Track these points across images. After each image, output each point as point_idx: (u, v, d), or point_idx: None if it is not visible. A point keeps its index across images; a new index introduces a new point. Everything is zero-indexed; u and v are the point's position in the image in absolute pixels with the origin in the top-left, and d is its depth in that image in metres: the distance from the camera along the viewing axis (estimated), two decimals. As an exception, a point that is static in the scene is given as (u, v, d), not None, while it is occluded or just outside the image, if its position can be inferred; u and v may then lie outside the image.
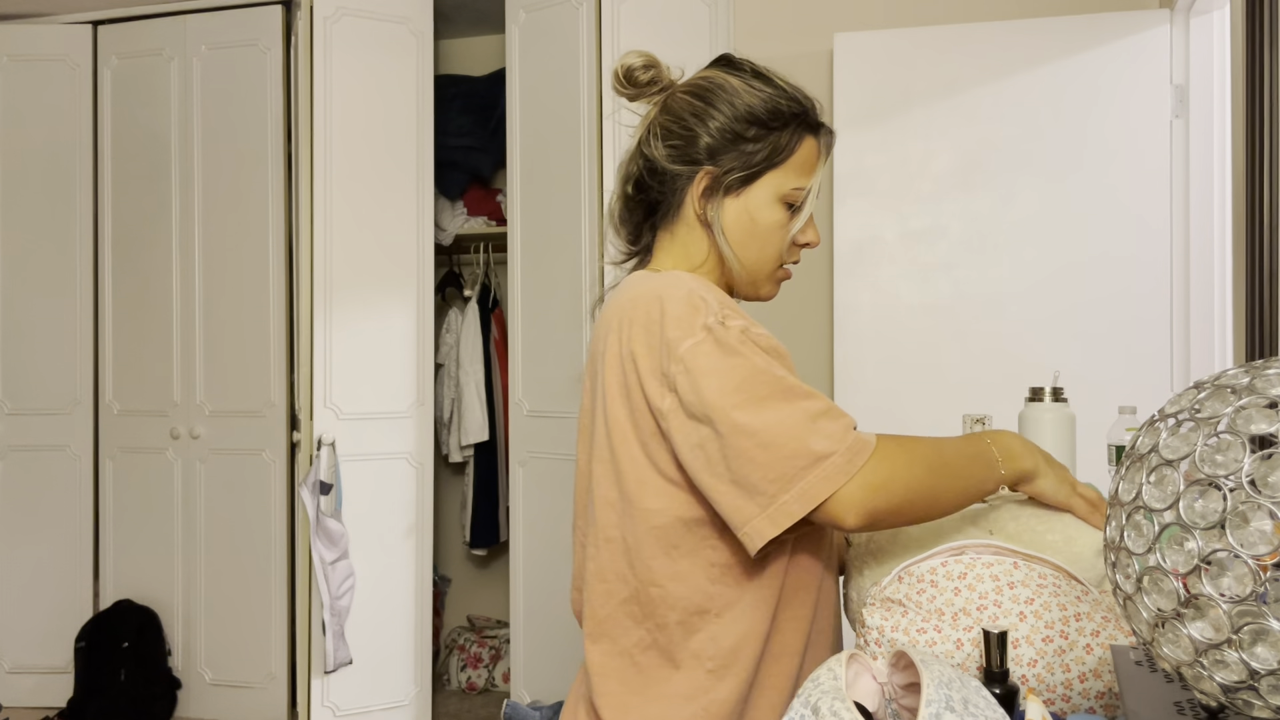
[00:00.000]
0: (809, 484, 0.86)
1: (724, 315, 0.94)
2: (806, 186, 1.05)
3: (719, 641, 0.98)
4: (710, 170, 1.04)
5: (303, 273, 2.93)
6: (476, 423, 3.45)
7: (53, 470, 3.35)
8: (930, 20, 2.64)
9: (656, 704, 0.99)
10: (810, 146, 1.05)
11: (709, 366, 0.90)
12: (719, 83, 1.05)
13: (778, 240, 1.06)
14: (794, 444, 0.87)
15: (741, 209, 1.04)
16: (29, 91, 3.36)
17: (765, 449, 0.87)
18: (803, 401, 0.89)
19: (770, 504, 0.87)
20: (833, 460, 0.87)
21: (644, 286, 0.99)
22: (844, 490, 0.86)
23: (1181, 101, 2.30)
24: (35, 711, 3.28)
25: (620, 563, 1.00)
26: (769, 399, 0.89)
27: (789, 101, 1.04)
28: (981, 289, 2.43)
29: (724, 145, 1.03)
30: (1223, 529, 0.57)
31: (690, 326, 0.92)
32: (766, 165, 1.03)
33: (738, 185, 1.04)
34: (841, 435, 0.88)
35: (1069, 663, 0.85)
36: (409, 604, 3.02)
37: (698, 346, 0.91)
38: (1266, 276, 1.73)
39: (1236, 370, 0.64)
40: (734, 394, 0.89)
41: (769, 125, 1.03)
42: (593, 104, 2.78)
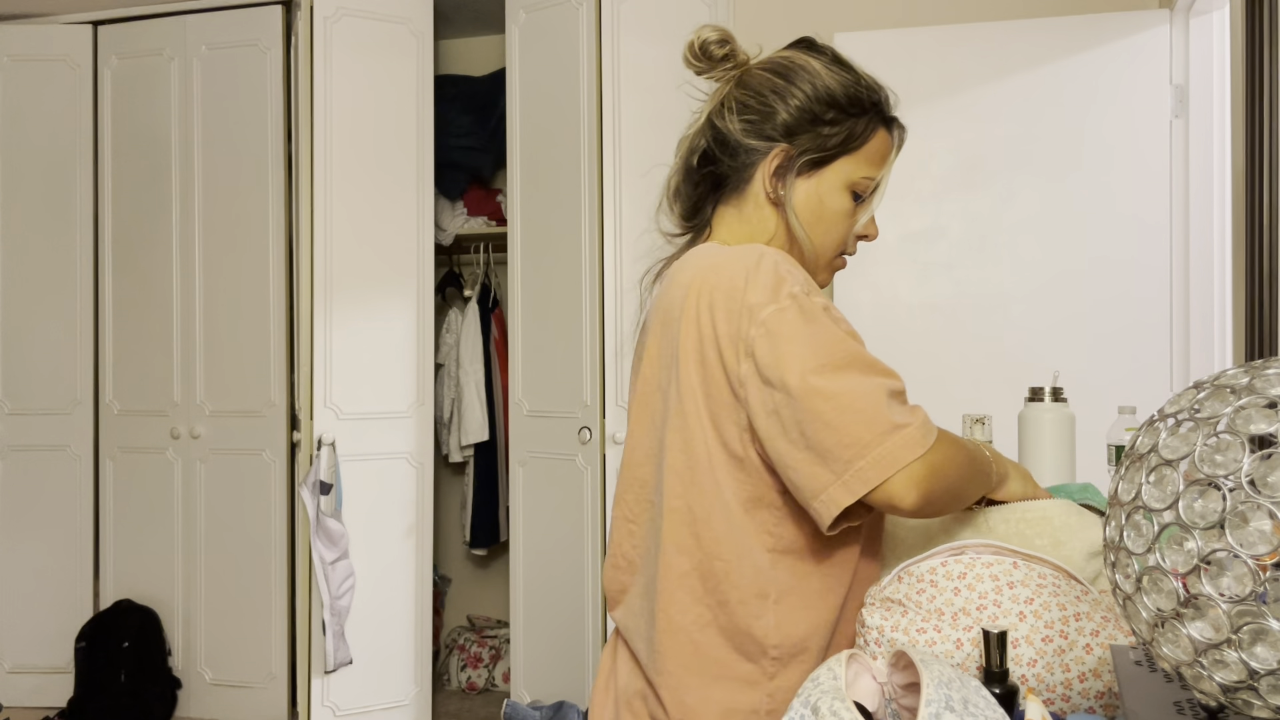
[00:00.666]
0: (888, 449, 0.85)
1: (809, 288, 0.94)
2: (875, 177, 1.05)
3: (784, 629, 0.95)
4: (785, 149, 1.02)
5: (303, 273, 2.93)
6: (476, 423, 3.45)
7: (53, 470, 3.35)
8: (930, 20, 2.64)
9: (715, 686, 0.96)
10: (883, 138, 1.05)
11: (791, 332, 0.89)
12: (800, 63, 1.04)
13: (841, 227, 1.06)
14: (872, 410, 0.86)
15: (811, 191, 1.03)
16: (29, 91, 3.36)
17: (842, 413, 0.86)
18: (882, 377, 0.90)
19: (846, 470, 0.86)
20: (909, 431, 0.86)
21: (723, 255, 0.97)
22: (913, 466, 0.85)
23: (1181, 101, 2.30)
24: (35, 711, 3.28)
25: (684, 533, 0.97)
26: (848, 368, 0.89)
27: (867, 90, 1.04)
28: (981, 289, 2.43)
29: (801, 124, 1.02)
30: (1222, 529, 0.57)
31: (775, 293, 0.91)
32: (840, 150, 1.03)
33: (810, 167, 1.03)
34: (913, 411, 0.89)
35: (1069, 662, 0.85)
36: (409, 604, 3.02)
37: (781, 313, 0.90)
38: (1266, 276, 1.73)
39: (1236, 370, 0.64)
40: (813, 359, 0.88)
41: (847, 110, 1.02)
42: (593, 104, 2.78)
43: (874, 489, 0.85)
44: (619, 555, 1.09)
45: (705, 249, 1.03)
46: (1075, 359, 2.32)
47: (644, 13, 2.76)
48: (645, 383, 1.05)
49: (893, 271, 2.50)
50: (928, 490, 0.86)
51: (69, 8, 3.32)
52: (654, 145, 2.76)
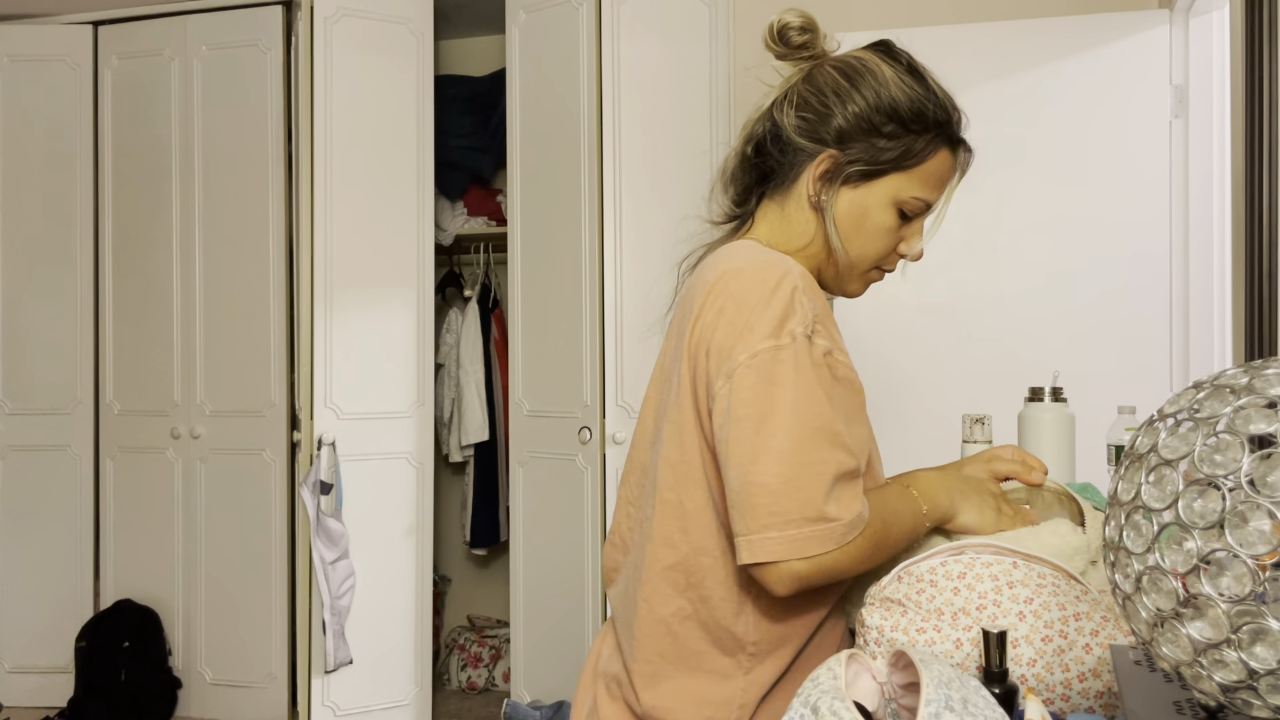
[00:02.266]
0: (802, 535, 0.86)
1: (814, 328, 0.91)
2: (926, 199, 1.01)
3: (762, 627, 0.96)
4: (834, 154, 0.99)
5: (303, 273, 2.93)
6: (476, 423, 3.45)
7: (53, 470, 3.35)
8: (930, 20, 2.64)
9: (690, 677, 0.97)
10: (944, 160, 1.01)
11: (775, 376, 0.88)
12: (870, 67, 1.00)
13: (882, 243, 1.02)
14: (810, 492, 0.86)
15: (856, 202, 1.00)
16: (29, 91, 3.36)
17: (786, 482, 0.86)
18: (839, 454, 0.88)
19: (759, 532, 0.87)
20: (832, 527, 0.86)
21: (750, 261, 0.95)
22: (809, 561, 0.86)
23: (1181, 102, 2.30)
24: (35, 711, 3.28)
25: (672, 526, 0.97)
26: (812, 435, 0.87)
27: (936, 108, 0.99)
28: (981, 289, 2.43)
29: (856, 133, 0.98)
30: (1222, 529, 0.57)
31: (778, 327, 0.89)
32: (893, 166, 0.99)
33: (858, 178, 0.99)
34: (850, 504, 0.88)
35: (1068, 662, 0.85)
36: (409, 604, 3.02)
37: (777, 352, 0.88)
38: (1266, 276, 1.73)
39: (1236, 370, 0.64)
40: (784, 416, 0.87)
41: (908, 125, 0.98)
42: (593, 104, 2.78)
43: (765, 565, 0.87)
44: (618, 535, 1.10)
45: (739, 247, 1.00)
46: (1075, 359, 2.32)
47: (644, 13, 2.76)
48: (659, 369, 1.04)
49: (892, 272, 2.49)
50: (804, 585, 0.88)
51: (69, 8, 3.32)
52: (654, 145, 2.76)
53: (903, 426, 2.45)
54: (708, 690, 0.97)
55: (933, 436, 2.33)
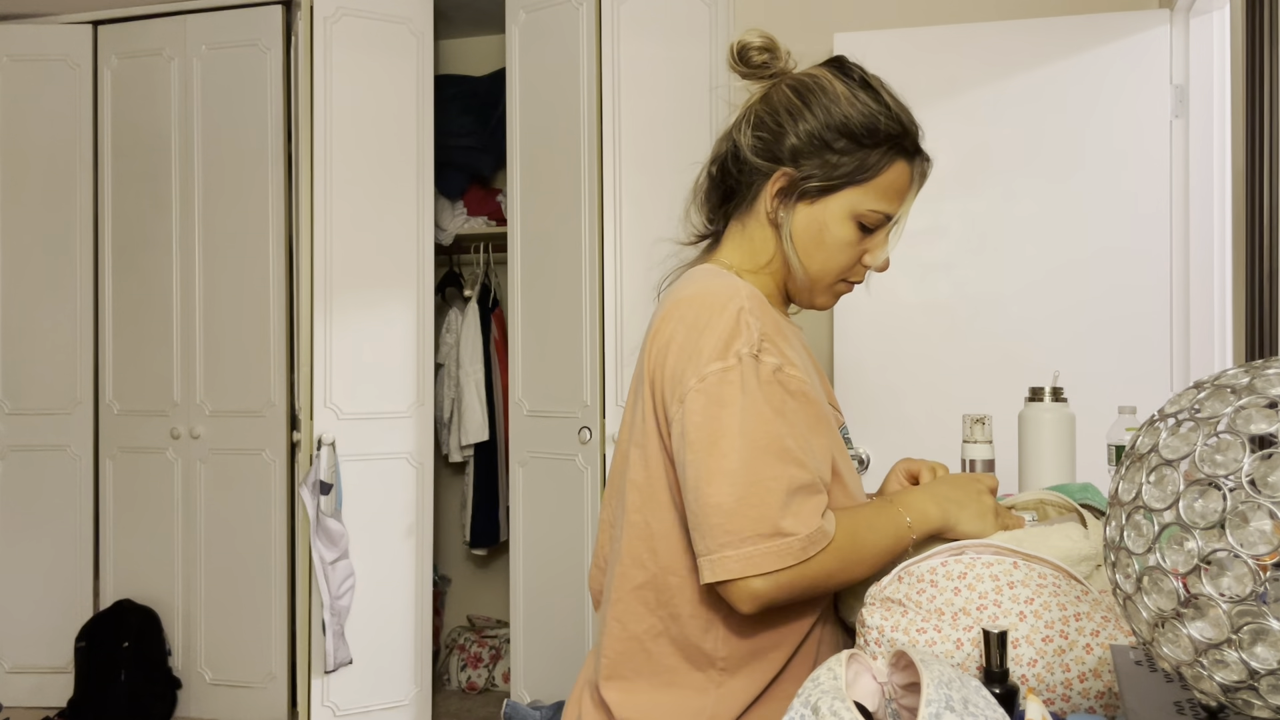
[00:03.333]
0: (757, 552, 0.87)
1: (761, 346, 0.93)
2: (885, 211, 1.01)
3: (731, 643, 0.98)
4: (788, 172, 1.01)
5: (303, 273, 2.93)
6: (476, 423, 3.45)
7: (53, 470, 3.35)
8: (930, 20, 2.64)
9: (664, 692, 0.99)
10: (900, 171, 1.02)
11: (723, 397, 0.90)
12: (823, 84, 1.01)
13: (843, 256, 1.03)
14: (763, 509, 0.87)
15: (814, 217, 1.01)
16: (29, 91, 3.36)
17: (740, 501, 0.88)
18: (791, 469, 0.89)
19: (718, 551, 0.88)
20: (789, 542, 0.88)
21: (705, 285, 0.98)
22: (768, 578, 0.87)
23: (1181, 101, 2.30)
24: (35, 711, 3.28)
25: (640, 547, 1.00)
26: (761, 453, 0.89)
27: (889, 121, 1.00)
28: (981, 289, 2.43)
29: (809, 150, 1.00)
30: (1222, 529, 0.57)
31: (724, 349, 0.91)
32: (847, 181, 1.00)
33: (814, 194, 1.01)
34: (808, 518, 0.89)
35: (1069, 662, 0.85)
36: (409, 604, 3.02)
37: (724, 374, 0.91)
38: (1266, 276, 1.73)
39: (1236, 370, 0.64)
40: (734, 436, 0.89)
41: (860, 141, 0.99)
42: (593, 104, 2.78)
43: (726, 583, 0.89)
44: (600, 557, 1.12)
45: (695, 273, 1.03)
46: (1075, 359, 2.32)
47: (644, 13, 2.76)
48: (630, 391, 1.07)
49: (893, 271, 2.47)
50: (766, 601, 0.89)
51: (69, 8, 3.32)
52: (654, 145, 2.76)
53: (903, 426, 2.45)
54: (681, 704, 0.98)
55: (933, 436, 2.33)
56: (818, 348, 2.70)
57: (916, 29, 2.49)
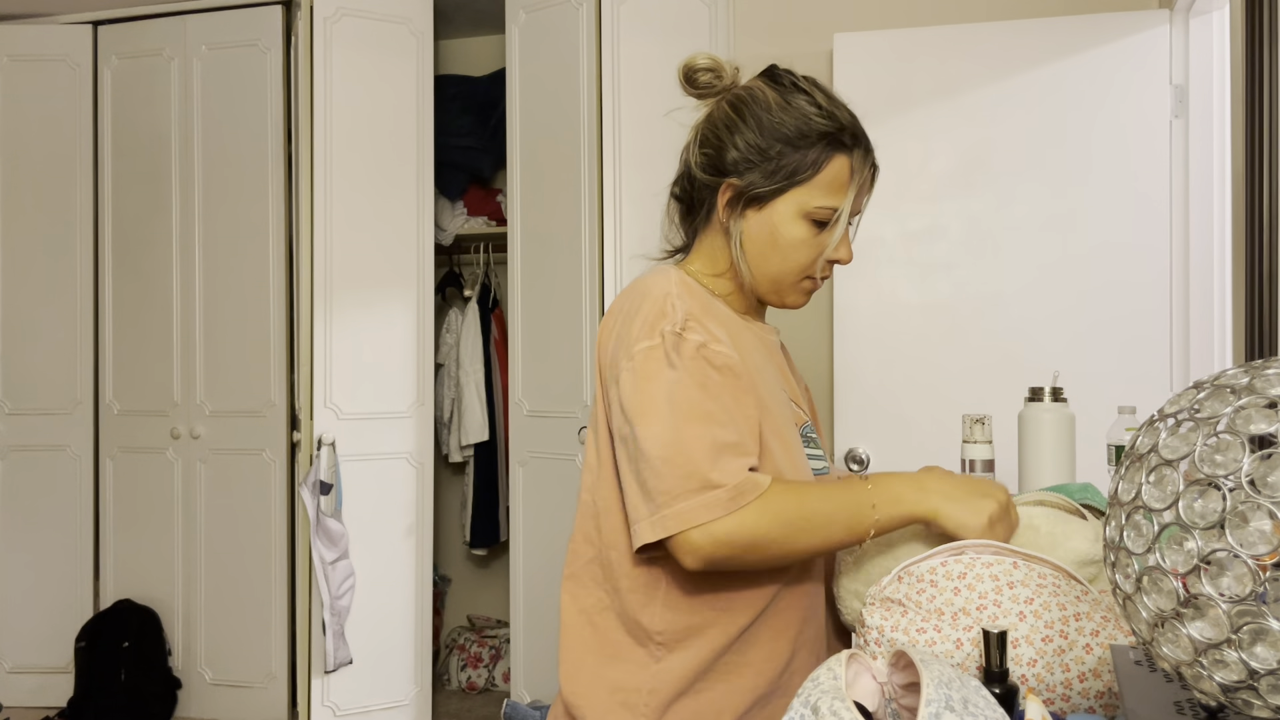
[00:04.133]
0: (689, 506, 0.91)
1: (686, 324, 0.98)
2: (832, 205, 1.05)
3: (667, 618, 1.01)
4: (733, 183, 1.06)
5: (303, 273, 2.93)
6: (476, 423, 3.45)
7: (53, 470, 3.35)
8: (930, 20, 2.64)
9: (608, 666, 1.03)
10: (840, 165, 1.05)
11: (649, 371, 0.96)
12: (756, 95, 1.07)
13: (801, 255, 1.07)
14: (689, 466, 0.92)
15: (764, 222, 1.06)
16: (29, 91, 3.36)
17: (666, 463, 0.92)
18: (715, 429, 0.94)
19: (655, 513, 0.93)
20: (718, 494, 0.91)
21: (643, 279, 1.06)
22: (704, 529, 0.91)
23: (1181, 102, 2.30)
24: (35, 711, 3.28)
25: (589, 524, 1.07)
26: (685, 419, 0.94)
27: (822, 119, 1.04)
28: (981, 289, 2.43)
29: (748, 160, 1.05)
30: (1222, 529, 0.57)
31: (652, 328, 0.98)
32: (788, 183, 1.04)
33: (760, 199, 1.05)
34: (735, 472, 0.93)
35: (1068, 662, 0.85)
36: (409, 604, 3.02)
37: (650, 351, 0.97)
38: (1266, 276, 1.73)
39: (1236, 370, 0.64)
40: (660, 405, 0.95)
41: (794, 143, 1.04)
42: (593, 104, 2.78)
43: (669, 538, 0.93)
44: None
45: (646, 272, 1.09)
46: (1075, 359, 2.32)
47: (644, 13, 2.76)
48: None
49: (893, 271, 2.49)
50: (710, 556, 0.92)
51: (69, 8, 3.32)
52: (654, 145, 2.75)
53: (902, 427, 2.45)
54: (623, 678, 1.03)
55: (932, 436, 2.33)
56: (818, 348, 2.70)
57: (916, 29, 2.49)
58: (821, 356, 2.68)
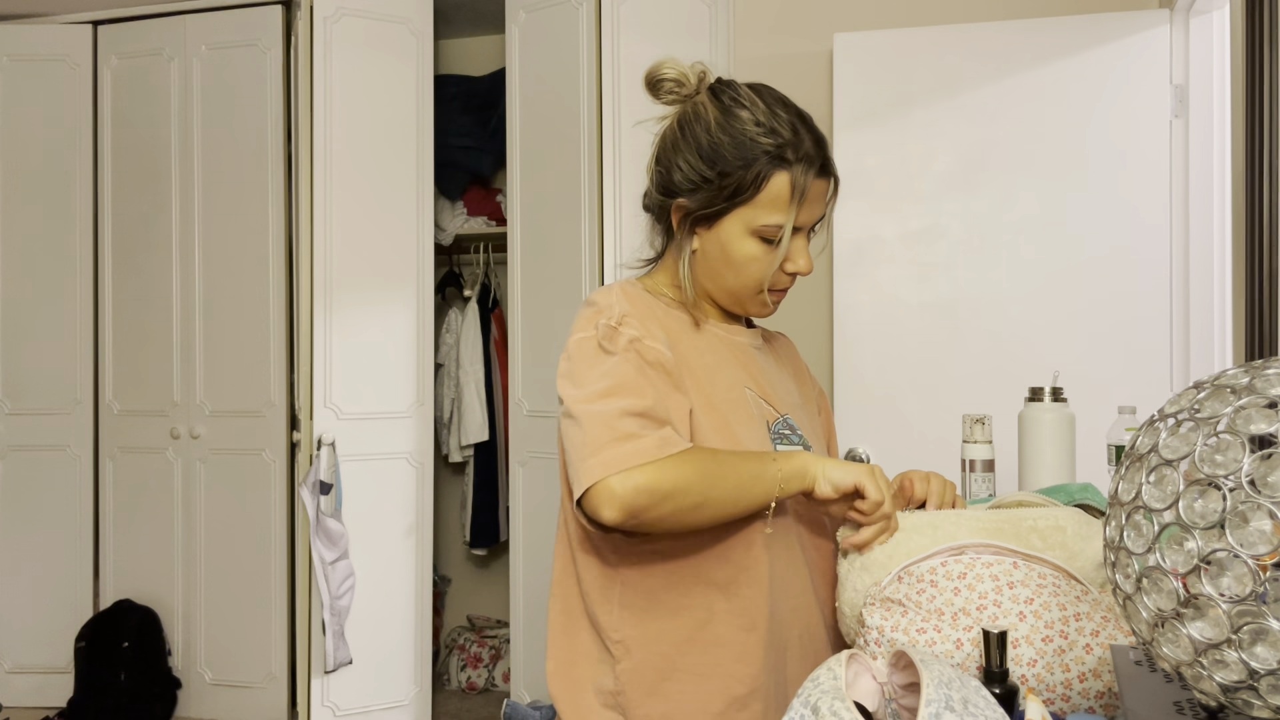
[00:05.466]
0: (614, 455, 0.92)
1: (621, 320, 1.02)
2: (776, 222, 1.05)
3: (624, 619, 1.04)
4: (682, 203, 1.08)
5: (303, 273, 2.93)
6: (476, 423, 3.45)
7: (53, 470, 3.35)
8: (930, 20, 2.64)
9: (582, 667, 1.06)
10: (781, 182, 1.04)
11: (582, 355, 1.01)
12: (699, 114, 1.08)
13: (755, 270, 1.08)
14: (613, 423, 0.94)
15: (715, 240, 1.08)
16: (29, 91, 3.36)
17: (591, 421, 0.95)
18: (643, 401, 0.96)
19: (583, 461, 0.93)
20: (642, 443, 0.93)
21: (595, 292, 1.10)
22: (621, 476, 0.91)
23: (1181, 101, 2.30)
24: (35, 711, 3.28)
25: (562, 531, 1.11)
26: (611, 390, 0.97)
27: (764, 136, 1.04)
28: (981, 289, 2.43)
29: (693, 180, 1.07)
30: (1222, 529, 0.57)
31: (587, 324, 1.03)
32: (729, 204, 1.05)
33: (708, 219, 1.07)
34: (654, 428, 0.94)
35: (1069, 662, 0.85)
36: (409, 604, 3.02)
37: (583, 341, 1.02)
38: (1266, 276, 1.73)
39: (1236, 370, 0.64)
40: (589, 384, 0.98)
41: (731, 165, 1.04)
42: (593, 104, 2.78)
43: (587, 490, 0.92)
44: None
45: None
46: (1075, 359, 2.32)
47: (644, 13, 2.76)
48: None
49: (893, 271, 2.49)
50: (629, 503, 0.91)
51: (69, 8, 3.32)
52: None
53: (902, 427, 2.45)
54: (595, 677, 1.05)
55: (933, 436, 2.33)
56: (818, 349, 2.70)
57: (916, 29, 2.49)
58: (821, 356, 2.68)
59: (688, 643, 1.03)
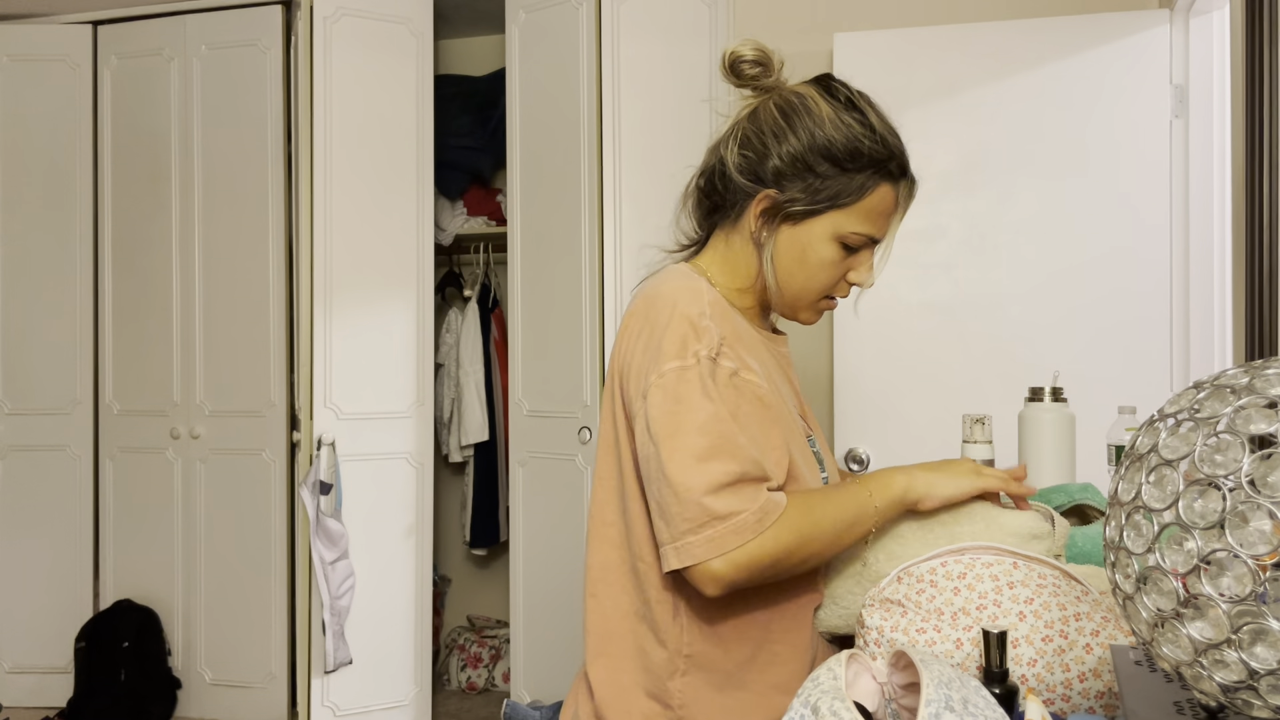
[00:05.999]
0: (717, 534, 0.89)
1: (720, 350, 0.95)
2: (868, 234, 1.02)
3: (694, 630, 1.00)
4: (771, 194, 1.01)
5: (303, 273, 2.93)
6: (476, 423, 3.45)
7: (53, 470, 3.35)
8: (930, 20, 2.64)
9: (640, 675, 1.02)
10: (884, 195, 1.02)
11: (681, 394, 0.93)
12: (808, 105, 1.01)
13: (825, 276, 1.04)
14: (714, 496, 0.89)
15: (796, 238, 1.02)
16: (29, 91, 3.36)
17: (690, 490, 0.90)
18: (745, 464, 0.91)
19: (678, 539, 0.91)
20: (743, 518, 0.89)
21: (669, 286, 1.00)
22: (726, 558, 0.89)
23: (1181, 101, 2.30)
24: (35, 711, 3.28)
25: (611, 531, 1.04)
26: (716, 449, 0.91)
27: (874, 144, 1.00)
28: (981, 289, 2.43)
29: (792, 173, 1.00)
30: (1222, 529, 0.57)
31: (684, 350, 0.94)
32: (830, 204, 1.00)
33: (797, 216, 1.01)
34: (751, 499, 0.90)
35: (1069, 662, 0.85)
36: (409, 604, 3.02)
37: (683, 372, 0.93)
38: (1266, 276, 1.73)
39: (1236, 370, 0.64)
40: (690, 432, 0.91)
41: (843, 165, 0.99)
42: (593, 104, 2.78)
43: (690, 568, 0.91)
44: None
45: (666, 273, 1.05)
46: (1075, 359, 2.32)
47: (644, 13, 2.76)
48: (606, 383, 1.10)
49: (893, 271, 2.49)
50: (733, 582, 0.90)
51: (69, 8, 3.32)
52: (654, 145, 2.75)
53: (903, 426, 2.45)
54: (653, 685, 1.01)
55: (933, 436, 2.33)
56: (817, 348, 2.70)
57: (916, 29, 2.49)
58: (821, 356, 2.68)
59: (749, 661, 1.01)
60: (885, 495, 0.98)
